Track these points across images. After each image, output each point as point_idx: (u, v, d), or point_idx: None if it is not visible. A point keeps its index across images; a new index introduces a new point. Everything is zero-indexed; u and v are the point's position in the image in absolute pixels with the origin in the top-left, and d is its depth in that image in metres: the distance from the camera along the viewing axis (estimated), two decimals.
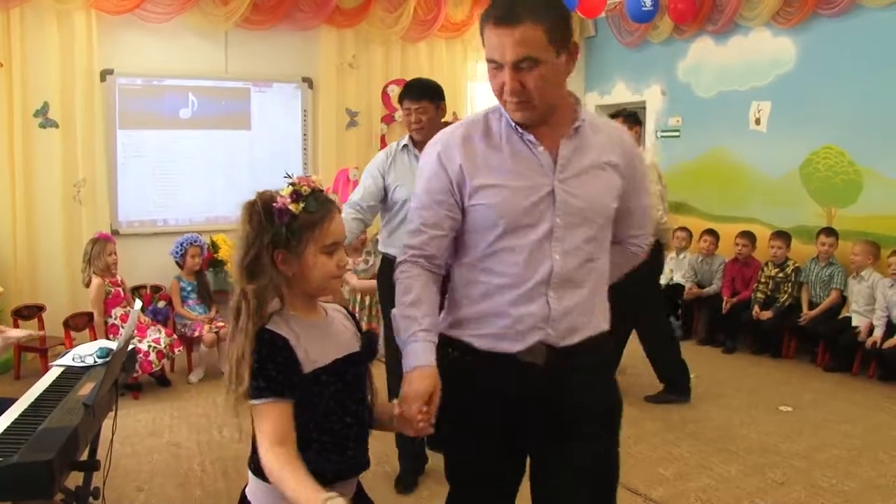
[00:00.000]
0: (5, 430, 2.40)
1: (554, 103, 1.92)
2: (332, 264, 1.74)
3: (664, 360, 5.18)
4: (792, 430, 4.66)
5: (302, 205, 1.68)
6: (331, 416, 1.72)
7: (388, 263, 3.66)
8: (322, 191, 1.75)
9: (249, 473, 1.77)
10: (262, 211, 1.69)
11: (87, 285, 5.32)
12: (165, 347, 5.29)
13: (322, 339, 1.74)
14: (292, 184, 1.71)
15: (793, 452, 4.32)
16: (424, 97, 3.65)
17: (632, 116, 5.13)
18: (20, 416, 2.54)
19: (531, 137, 1.93)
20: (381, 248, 3.81)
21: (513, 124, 1.95)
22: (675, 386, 5.19)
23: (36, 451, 2.18)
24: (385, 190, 3.67)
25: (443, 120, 3.89)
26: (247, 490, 1.79)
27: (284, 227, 1.68)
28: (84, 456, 2.78)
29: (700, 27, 7.27)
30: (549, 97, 1.88)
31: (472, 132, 1.99)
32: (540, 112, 1.90)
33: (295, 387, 1.65)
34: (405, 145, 3.69)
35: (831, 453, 4.31)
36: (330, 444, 1.73)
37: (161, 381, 5.45)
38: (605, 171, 1.98)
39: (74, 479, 2.86)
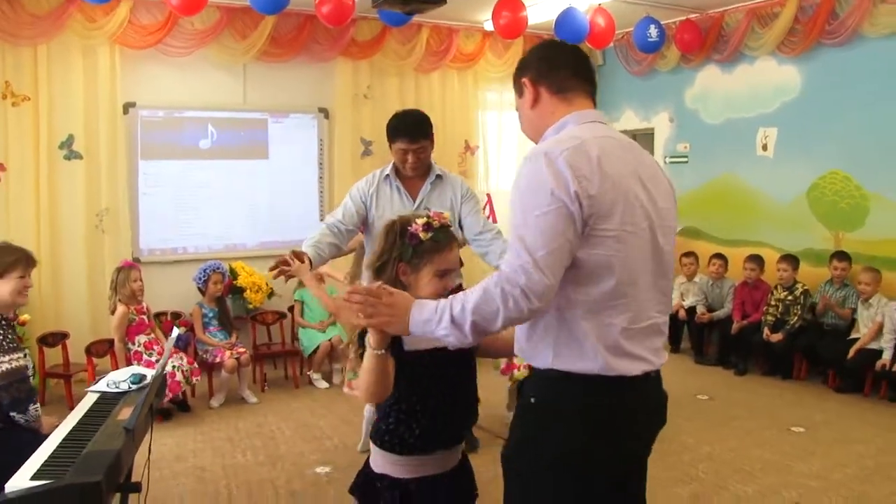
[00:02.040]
0: (52, 454, 2.51)
1: None
2: (440, 285, 2.13)
3: None
4: (805, 451, 4.74)
5: (430, 234, 2.11)
6: (432, 393, 2.12)
7: None
8: (449, 226, 2.18)
9: (371, 444, 2.22)
10: (398, 231, 2.14)
11: (113, 312, 5.43)
12: (186, 373, 5.40)
13: None
14: (427, 217, 2.14)
15: (808, 473, 4.39)
16: (422, 136, 3.58)
17: None
18: (64, 439, 2.65)
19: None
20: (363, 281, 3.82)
21: None
22: None
23: (84, 473, 2.28)
24: (366, 217, 3.71)
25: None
26: (370, 460, 2.24)
27: (412, 248, 2.11)
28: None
29: (707, 56, 7.42)
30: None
31: None
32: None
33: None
34: (387, 175, 3.71)
35: (845, 473, 4.38)
36: (428, 415, 2.12)
37: (182, 407, 5.55)
38: None
39: None
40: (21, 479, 2.26)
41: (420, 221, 2.12)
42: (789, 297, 6.49)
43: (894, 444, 4.87)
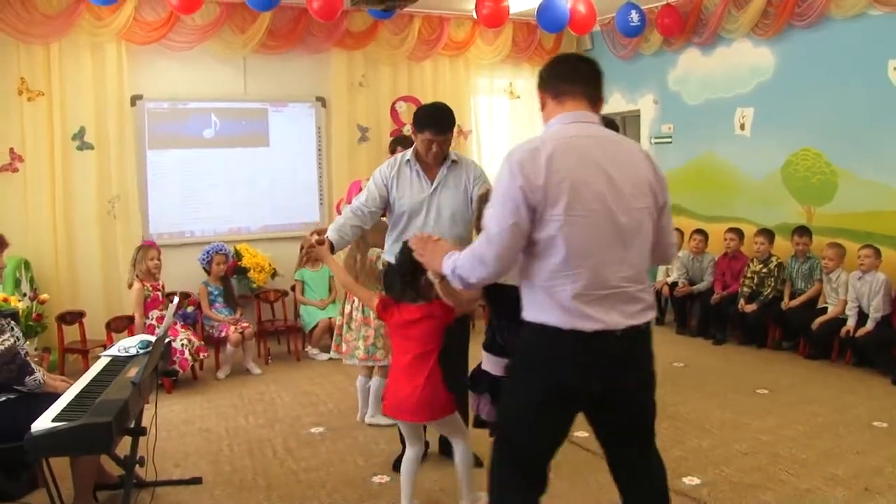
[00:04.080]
0: (70, 402, 2.94)
1: None
2: None
3: None
4: (764, 410, 5.11)
5: None
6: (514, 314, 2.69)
7: (388, 272, 3.90)
8: None
9: (483, 350, 3.04)
10: (485, 200, 2.60)
11: (130, 287, 5.89)
12: (192, 348, 5.80)
13: None
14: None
15: (761, 428, 4.76)
16: (449, 129, 3.85)
17: (611, 124, 5.63)
18: (80, 391, 3.08)
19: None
20: (384, 255, 4.12)
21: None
22: None
23: (97, 416, 2.71)
24: (388, 199, 3.97)
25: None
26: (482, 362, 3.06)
27: None
28: None
29: (687, 39, 7.73)
30: None
31: None
32: None
33: None
34: (408, 160, 3.97)
35: (796, 429, 4.74)
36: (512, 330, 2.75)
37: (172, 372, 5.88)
38: None
39: (121, 450, 3.38)
40: (44, 421, 2.69)
41: None
42: (764, 270, 6.83)
43: (849, 404, 5.23)
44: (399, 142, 5.41)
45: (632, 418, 2.59)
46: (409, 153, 4.01)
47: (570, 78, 2.50)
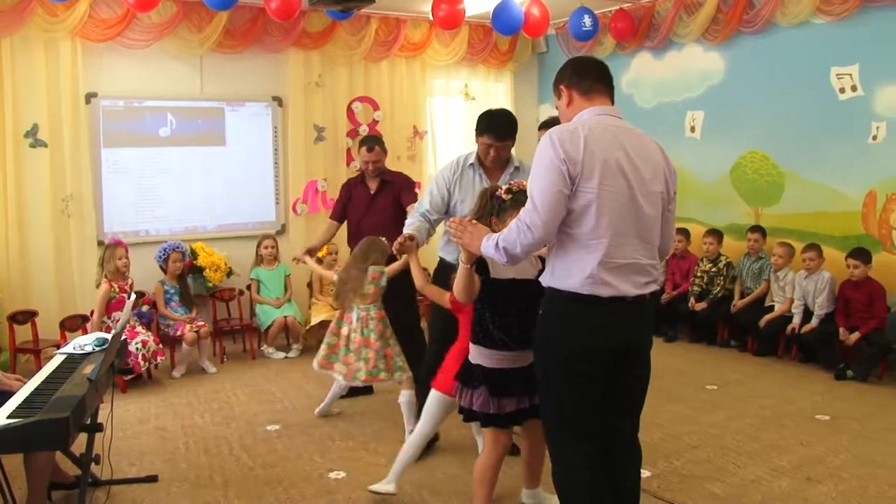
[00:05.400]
0: (26, 399, 2.92)
1: None
2: None
3: None
4: (713, 405, 5.26)
5: (510, 195, 3.05)
6: (506, 307, 3.12)
7: (444, 267, 4.02)
8: (523, 190, 2.93)
9: (471, 343, 3.20)
10: (489, 195, 3.14)
11: (98, 286, 5.80)
12: (149, 352, 5.73)
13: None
14: (509, 185, 3.10)
15: (710, 422, 4.91)
16: (508, 137, 3.87)
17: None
18: (36, 388, 3.07)
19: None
20: (439, 252, 4.14)
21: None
22: None
23: (54, 412, 2.71)
24: (449, 202, 3.99)
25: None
26: (470, 355, 3.21)
27: (498, 205, 3.09)
28: None
29: (640, 43, 7.90)
30: None
31: None
32: None
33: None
34: (472, 163, 3.98)
35: (744, 422, 4.90)
36: (504, 322, 3.12)
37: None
38: None
39: (76, 449, 3.37)
40: None
41: (504, 187, 3.09)
42: (713, 269, 7.02)
43: (794, 398, 5.42)
44: (368, 141, 5.47)
45: (638, 383, 2.89)
46: (472, 156, 4.03)
47: (598, 77, 2.82)
